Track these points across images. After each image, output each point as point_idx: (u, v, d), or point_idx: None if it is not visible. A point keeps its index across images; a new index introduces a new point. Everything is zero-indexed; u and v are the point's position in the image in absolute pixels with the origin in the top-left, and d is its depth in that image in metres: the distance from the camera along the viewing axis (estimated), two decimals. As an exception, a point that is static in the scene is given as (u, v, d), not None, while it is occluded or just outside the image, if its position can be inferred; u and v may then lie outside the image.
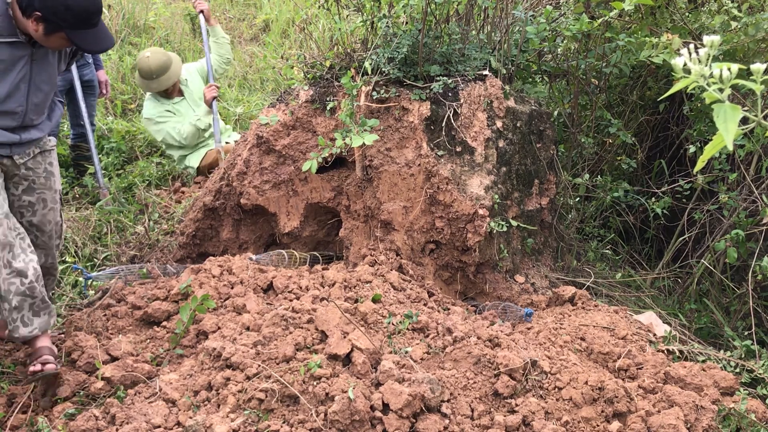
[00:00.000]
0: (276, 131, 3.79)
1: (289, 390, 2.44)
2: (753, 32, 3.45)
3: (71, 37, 2.49)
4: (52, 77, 2.70)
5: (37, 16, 2.42)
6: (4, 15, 2.47)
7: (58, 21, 2.43)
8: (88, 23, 2.48)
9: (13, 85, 2.54)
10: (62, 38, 2.51)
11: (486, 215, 3.48)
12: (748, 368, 3.02)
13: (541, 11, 4.15)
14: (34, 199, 2.81)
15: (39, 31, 2.46)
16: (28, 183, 2.79)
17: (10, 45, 2.48)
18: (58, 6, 2.40)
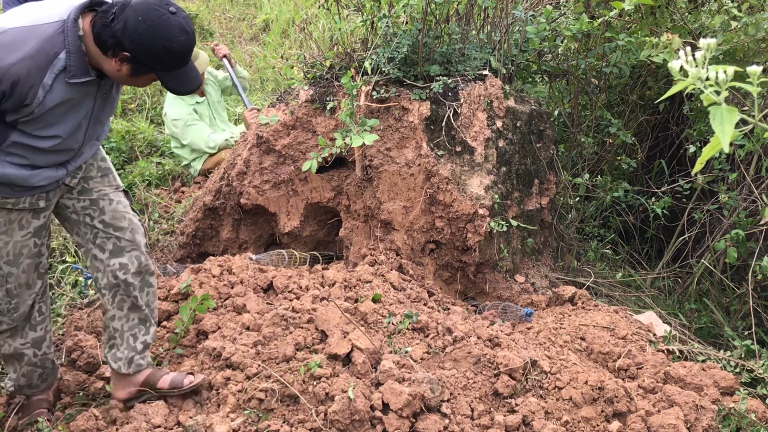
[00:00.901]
0: (276, 131, 3.79)
1: (289, 390, 2.44)
2: (753, 32, 3.44)
3: (163, 79, 2.18)
4: (113, 109, 2.39)
5: (125, 56, 2.08)
6: (77, 52, 2.08)
7: (151, 63, 2.11)
8: (183, 63, 2.16)
9: (75, 124, 2.21)
10: (151, 79, 2.21)
11: (486, 215, 3.48)
12: (748, 368, 3.02)
13: (541, 11, 4.15)
14: (95, 197, 2.43)
15: (123, 71, 2.13)
16: (81, 186, 2.43)
17: (81, 84, 2.14)
18: (157, 49, 2.06)
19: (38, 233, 2.33)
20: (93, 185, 2.44)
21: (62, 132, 2.17)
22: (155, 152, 5.90)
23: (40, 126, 2.10)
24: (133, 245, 2.44)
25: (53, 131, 2.14)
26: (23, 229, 2.28)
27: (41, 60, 2.01)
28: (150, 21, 2.01)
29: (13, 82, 1.96)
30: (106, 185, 2.47)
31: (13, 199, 2.22)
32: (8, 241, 2.27)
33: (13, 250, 2.28)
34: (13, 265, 2.28)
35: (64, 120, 2.15)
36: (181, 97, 5.21)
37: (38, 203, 2.28)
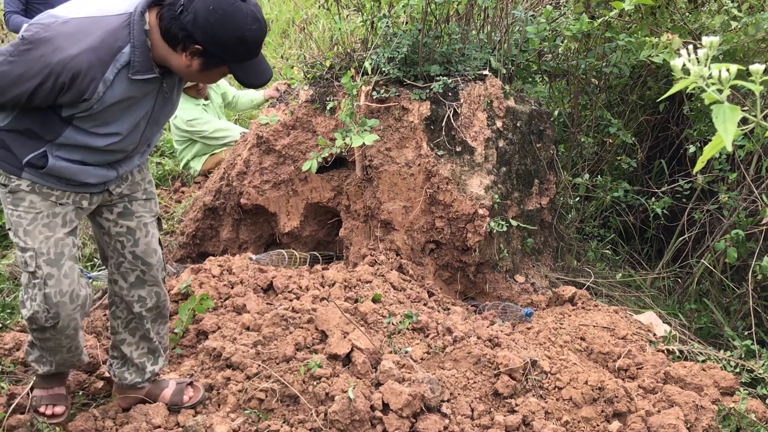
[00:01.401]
0: (276, 131, 3.79)
1: (289, 390, 2.44)
2: (753, 32, 3.45)
3: (236, 71, 2.03)
4: (172, 112, 2.23)
5: (196, 50, 1.95)
6: (142, 47, 1.95)
7: (224, 55, 1.97)
8: (256, 54, 2.03)
9: (133, 124, 2.07)
10: (222, 73, 2.08)
11: (486, 215, 3.48)
12: (748, 368, 3.02)
13: (541, 11, 4.15)
14: (134, 225, 2.27)
15: (193, 66, 1.99)
16: (124, 205, 2.27)
17: (144, 82, 2.01)
18: (230, 39, 1.92)
19: (75, 233, 2.17)
20: (135, 209, 2.28)
21: (121, 130, 2.04)
22: (155, 152, 5.90)
23: (96, 123, 1.98)
24: (155, 281, 2.35)
25: (111, 129, 2.02)
26: (66, 226, 2.10)
27: (104, 53, 1.89)
28: (221, 10, 1.89)
29: (73, 75, 1.84)
30: (147, 212, 2.32)
31: (58, 192, 2.08)
32: (50, 236, 2.07)
33: (55, 247, 2.07)
34: (53, 265, 2.06)
35: (123, 118, 2.02)
36: (188, 101, 5.23)
37: (82, 202, 2.14)
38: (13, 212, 2.07)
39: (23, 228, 2.06)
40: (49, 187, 2.06)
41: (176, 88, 2.15)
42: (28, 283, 2.09)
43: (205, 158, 5.33)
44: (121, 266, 2.30)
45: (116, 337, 2.41)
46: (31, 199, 2.05)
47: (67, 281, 2.09)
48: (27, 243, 2.06)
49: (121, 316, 2.38)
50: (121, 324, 2.39)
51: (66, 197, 2.10)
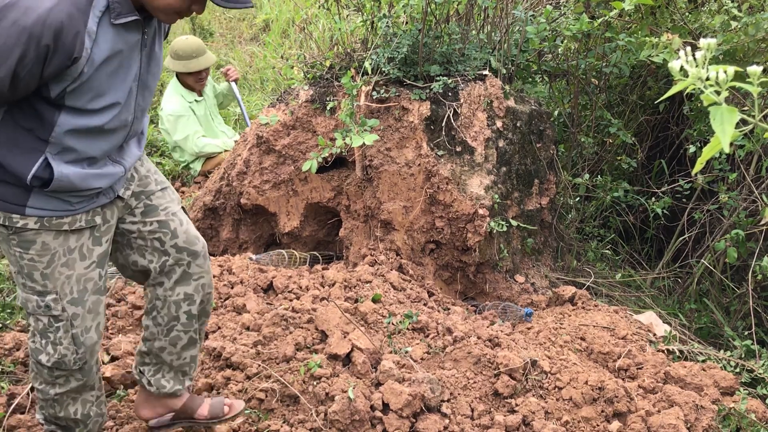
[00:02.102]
0: (276, 131, 3.79)
1: (289, 390, 2.44)
2: (753, 32, 3.44)
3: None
4: (158, 71, 1.99)
5: None
6: None
7: None
8: None
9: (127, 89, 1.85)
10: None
11: (486, 215, 3.48)
12: (748, 368, 3.02)
13: (541, 11, 4.15)
14: (164, 217, 2.09)
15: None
16: (143, 203, 2.08)
17: (127, 29, 1.78)
18: None
19: (101, 262, 1.98)
20: (157, 202, 2.09)
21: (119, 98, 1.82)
22: (155, 152, 5.90)
23: (91, 96, 1.76)
24: (203, 271, 2.15)
25: (107, 100, 1.80)
26: (85, 259, 1.93)
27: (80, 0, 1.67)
28: None
29: (56, 31, 1.61)
30: (169, 201, 2.12)
31: (69, 218, 1.88)
32: (70, 274, 1.90)
33: (77, 285, 1.91)
34: (78, 304, 1.91)
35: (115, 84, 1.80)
36: (179, 93, 5.22)
37: (95, 219, 1.94)
38: (23, 255, 1.87)
39: (40, 272, 1.88)
40: (59, 216, 1.86)
41: (157, 42, 1.94)
42: (47, 327, 1.92)
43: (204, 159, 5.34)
44: (165, 266, 2.10)
45: (153, 344, 2.20)
46: (43, 240, 1.86)
47: (91, 316, 1.95)
48: (47, 286, 1.88)
49: (162, 323, 2.17)
50: (162, 331, 2.17)
51: (78, 220, 1.90)
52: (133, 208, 2.07)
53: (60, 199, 1.85)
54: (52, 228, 1.86)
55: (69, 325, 1.92)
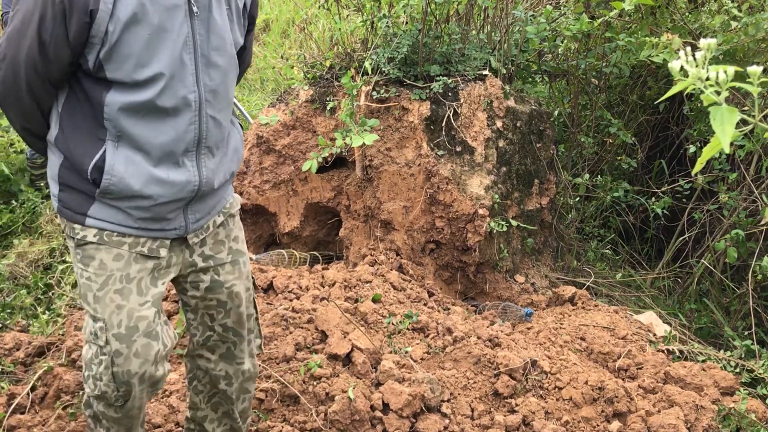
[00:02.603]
0: (276, 131, 3.79)
1: (289, 390, 2.44)
2: (753, 32, 3.45)
3: None
4: (226, 46, 1.72)
5: None
6: None
7: None
8: None
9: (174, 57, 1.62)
10: None
11: (486, 215, 3.48)
12: (748, 368, 3.03)
13: (541, 11, 4.15)
14: (225, 296, 1.89)
15: None
16: (210, 277, 1.87)
17: None
18: None
19: (157, 303, 1.77)
20: (224, 278, 1.89)
21: (162, 68, 1.59)
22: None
23: (132, 65, 1.57)
24: (244, 356, 2.00)
25: (153, 69, 1.59)
26: (142, 295, 1.72)
27: None
28: None
29: None
30: (237, 278, 1.91)
31: (131, 239, 1.70)
32: (122, 305, 1.70)
33: (127, 319, 1.70)
34: (123, 341, 1.69)
35: (158, 50, 1.59)
36: None
37: (159, 251, 1.74)
38: (83, 272, 1.72)
39: (93, 293, 1.71)
40: (120, 233, 1.70)
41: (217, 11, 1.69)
42: (93, 357, 1.75)
43: None
44: (209, 340, 1.96)
45: (197, 412, 2.09)
46: (102, 258, 1.70)
47: (138, 361, 1.71)
48: (97, 312, 1.71)
49: (204, 390, 2.05)
50: (204, 399, 2.06)
51: (141, 244, 1.72)
52: (198, 280, 1.86)
53: (121, 209, 1.68)
54: (112, 245, 1.70)
55: (110, 362, 1.71)
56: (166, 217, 1.72)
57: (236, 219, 1.97)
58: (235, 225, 1.95)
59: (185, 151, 1.69)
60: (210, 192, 1.79)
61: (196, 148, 1.71)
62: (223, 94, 1.73)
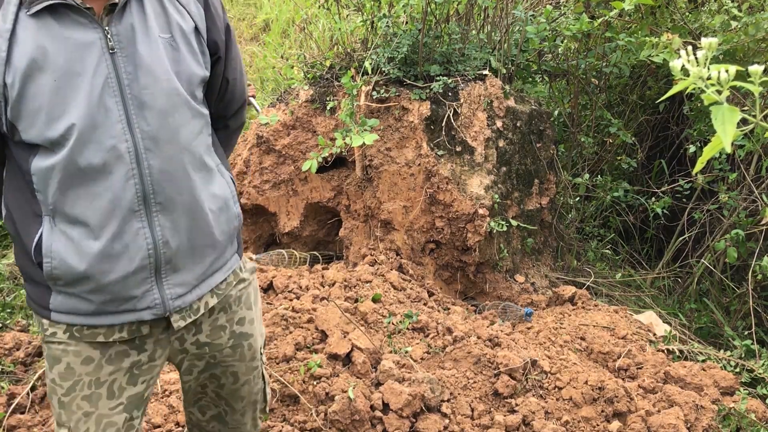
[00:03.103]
0: (276, 131, 3.79)
1: (289, 390, 2.44)
2: (753, 32, 3.45)
3: None
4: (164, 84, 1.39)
5: None
6: None
7: None
8: None
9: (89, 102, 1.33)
10: None
11: (486, 215, 3.48)
12: (748, 368, 3.03)
13: (541, 11, 4.15)
14: (219, 372, 1.65)
15: None
16: (205, 362, 1.62)
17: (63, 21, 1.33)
18: None
19: (131, 406, 1.53)
20: (221, 359, 1.63)
21: (76, 118, 1.31)
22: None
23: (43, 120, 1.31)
24: (238, 424, 1.79)
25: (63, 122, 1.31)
26: (113, 398, 1.50)
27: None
28: None
29: None
30: (237, 359, 1.65)
31: (105, 329, 1.45)
32: (90, 412, 1.48)
33: (96, 426, 1.48)
34: None
35: (67, 96, 1.32)
36: None
37: (141, 329, 1.48)
38: (48, 373, 1.50)
39: (58, 397, 1.49)
40: (90, 325, 1.44)
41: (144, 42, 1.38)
42: None
43: None
44: (200, 400, 1.76)
45: None
46: (69, 361, 1.46)
47: None
48: (62, 418, 1.50)
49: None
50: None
51: (119, 330, 1.46)
52: (191, 360, 1.60)
53: (80, 297, 1.42)
54: (85, 340, 1.45)
55: None
56: (132, 294, 1.42)
57: (247, 291, 1.65)
58: (242, 303, 1.63)
59: (129, 211, 1.38)
60: (185, 258, 1.46)
61: (143, 207, 1.39)
62: (169, 139, 1.40)
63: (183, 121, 1.42)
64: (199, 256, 1.50)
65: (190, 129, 1.44)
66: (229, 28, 1.55)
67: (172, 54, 1.41)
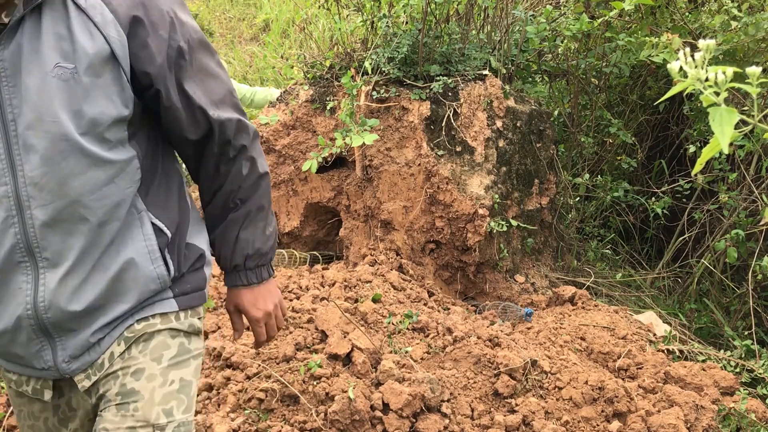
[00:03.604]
0: (276, 131, 3.79)
1: (289, 390, 2.44)
2: (753, 32, 3.45)
3: None
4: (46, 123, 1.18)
5: None
6: None
7: None
8: None
9: None
10: None
11: (486, 215, 3.48)
12: (748, 368, 3.03)
13: (541, 11, 4.15)
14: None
15: None
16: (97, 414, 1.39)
17: None
18: None
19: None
20: (104, 416, 1.33)
21: None
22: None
23: None
24: None
25: None
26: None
27: None
28: None
29: None
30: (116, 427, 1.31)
31: (15, 376, 1.35)
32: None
33: None
34: None
35: None
36: None
37: (44, 392, 1.34)
38: None
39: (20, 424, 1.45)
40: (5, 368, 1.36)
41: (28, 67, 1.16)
42: None
43: None
44: None
45: None
46: (9, 391, 1.42)
47: None
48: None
49: None
50: None
51: (25, 383, 1.35)
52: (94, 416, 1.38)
53: None
54: (6, 378, 1.38)
55: None
56: (18, 353, 1.27)
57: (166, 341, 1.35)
58: (147, 351, 1.33)
59: (11, 262, 1.22)
60: (79, 320, 1.26)
61: (30, 260, 1.22)
62: (55, 189, 1.19)
63: (75, 170, 1.20)
64: (99, 314, 1.29)
65: (86, 180, 1.21)
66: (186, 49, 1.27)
67: (69, 89, 1.17)
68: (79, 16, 1.18)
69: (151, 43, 1.22)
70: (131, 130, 1.27)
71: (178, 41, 1.25)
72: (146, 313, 1.33)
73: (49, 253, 1.22)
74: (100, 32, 1.19)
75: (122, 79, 1.21)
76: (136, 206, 1.30)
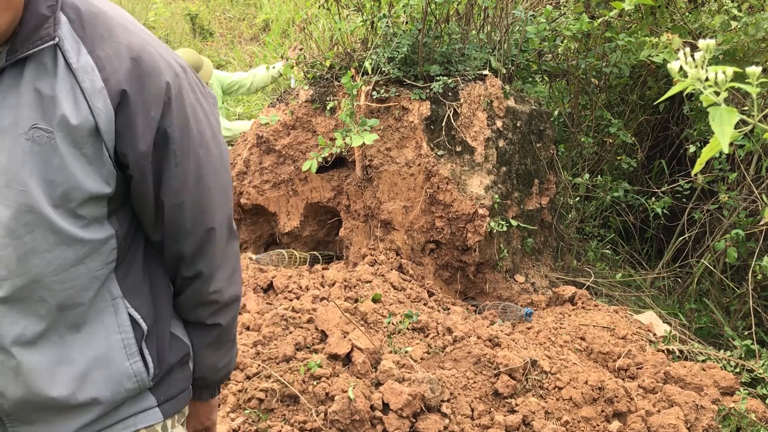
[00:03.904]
0: (276, 131, 3.79)
1: (289, 390, 2.44)
2: (753, 32, 3.45)
3: None
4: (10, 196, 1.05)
5: None
6: None
7: None
8: None
9: None
10: None
11: (486, 215, 3.48)
12: (748, 368, 3.03)
13: (541, 11, 4.15)
14: None
15: None
16: None
17: None
18: None
19: None
20: None
21: None
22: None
23: None
24: None
25: None
26: None
27: None
28: None
29: None
30: None
31: None
32: None
33: None
34: None
35: None
36: None
37: None
38: None
39: None
40: None
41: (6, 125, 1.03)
42: None
43: None
44: None
45: None
46: None
47: None
48: None
49: None
50: None
51: None
52: None
53: None
54: None
55: None
56: None
57: None
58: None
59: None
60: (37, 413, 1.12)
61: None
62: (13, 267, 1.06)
63: (40, 247, 1.06)
64: (62, 414, 1.13)
65: (51, 259, 1.07)
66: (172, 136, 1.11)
67: (44, 155, 1.03)
68: (67, 78, 1.04)
69: (136, 123, 1.07)
70: (112, 207, 1.13)
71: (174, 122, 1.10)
72: (129, 430, 1.19)
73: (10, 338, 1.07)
74: (87, 102, 1.05)
75: (104, 155, 1.07)
76: (110, 291, 1.15)
